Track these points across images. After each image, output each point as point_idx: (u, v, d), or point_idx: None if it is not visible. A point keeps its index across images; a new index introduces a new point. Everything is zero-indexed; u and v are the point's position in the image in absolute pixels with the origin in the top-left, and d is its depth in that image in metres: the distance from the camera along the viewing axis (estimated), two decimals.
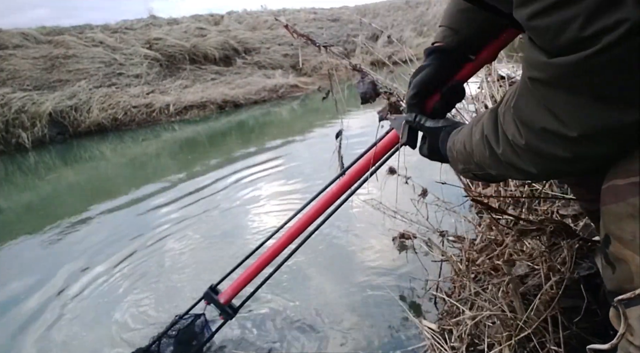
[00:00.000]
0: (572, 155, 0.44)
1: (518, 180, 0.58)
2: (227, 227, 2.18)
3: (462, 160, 0.66)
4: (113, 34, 8.19)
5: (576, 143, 0.43)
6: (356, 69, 1.45)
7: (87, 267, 1.96)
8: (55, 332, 1.50)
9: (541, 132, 0.45)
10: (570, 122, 0.42)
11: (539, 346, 0.87)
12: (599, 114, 0.40)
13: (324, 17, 11.10)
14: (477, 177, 0.67)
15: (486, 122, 0.56)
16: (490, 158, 0.56)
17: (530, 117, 0.46)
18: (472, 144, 0.61)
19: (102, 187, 3.53)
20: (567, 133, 0.42)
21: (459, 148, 0.66)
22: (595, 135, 0.41)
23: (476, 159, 0.61)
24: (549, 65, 0.40)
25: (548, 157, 0.47)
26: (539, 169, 0.50)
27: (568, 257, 0.91)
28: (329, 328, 1.30)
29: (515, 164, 0.52)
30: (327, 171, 1.99)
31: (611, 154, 0.44)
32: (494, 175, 0.61)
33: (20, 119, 5.62)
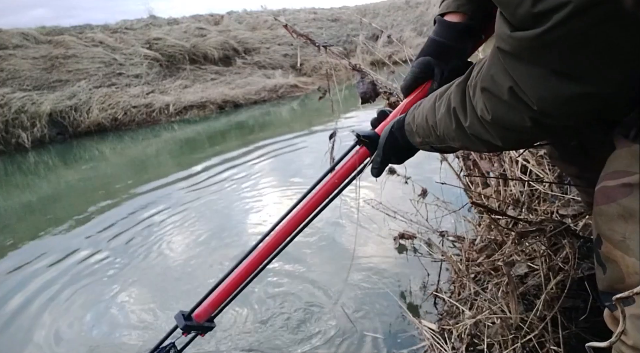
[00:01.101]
0: (534, 124, 0.46)
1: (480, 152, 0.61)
2: (227, 227, 2.18)
3: (422, 133, 0.67)
4: (113, 34, 8.18)
5: (536, 112, 0.45)
6: (356, 69, 1.45)
7: (88, 266, 1.96)
8: (51, 331, 1.50)
9: (507, 101, 0.46)
10: (530, 93, 0.44)
11: (538, 346, 0.87)
12: (553, 86, 0.42)
13: (324, 17, 11.09)
14: (434, 149, 0.69)
15: (453, 96, 0.57)
16: (457, 130, 0.57)
17: (498, 84, 0.47)
18: (435, 117, 0.62)
19: (102, 187, 3.53)
20: (528, 102, 0.44)
21: (419, 122, 0.67)
22: (552, 105, 0.43)
23: (439, 131, 0.62)
24: (511, 37, 0.42)
25: (513, 128, 0.49)
26: (504, 141, 0.52)
27: (571, 256, 0.91)
28: (328, 328, 1.29)
29: (481, 136, 0.54)
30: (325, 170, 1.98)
31: (571, 125, 0.47)
32: (454, 147, 0.63)
33: (20, 119, 5.62)
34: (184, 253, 1.95)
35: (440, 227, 1.53)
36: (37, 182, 4.11)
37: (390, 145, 0.76)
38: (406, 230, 1.69)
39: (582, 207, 1.18)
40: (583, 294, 0.93)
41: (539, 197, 1.36)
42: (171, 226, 2.29)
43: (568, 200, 1.25)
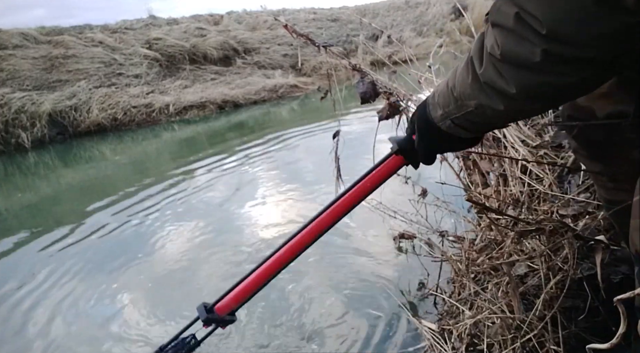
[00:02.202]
0: (545, 57, 0.41)
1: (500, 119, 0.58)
2: (227, 226, 2.18)
3: (442, 102, 0.63)
4: (113, 34, 8.18)
5: (546, 39, 0.40)
6: (356, 69, 1.45)
7: (87, 267, 1.96)
8: (51, 331, 1.50)
9: (515, 29, 0.43)
10: (538, 13, 0.40)
11: (538, 345, 0.87)
12: (559, 2, 0.38)
13: (324, 17, 11.09)
14: (454, 124, 0.63)
15: (473, 46, 0.54)
16: (472, 83, 0.54)
17: (505, 13, 0.44)
18: (455, 77, 0.59)
19: (102, 187, 3.53)
20: (536, 26, 0.40)
21: (441, 89, 0.63)
22: (562, 25, 0.39)
23: (457, 91, 0.58)
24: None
25: (524, 64, 0.44)
26: (517, 86, 0.47)
27: (570, 256, 0.91)
28: (328, 328, 1.30)
29: (494, 83, 0.50)
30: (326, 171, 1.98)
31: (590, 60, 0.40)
32: (473, 113, 0.57)
33: (19, 119, 5.62)
34: (184, 253, 1.95)
35: (440, 227, 1.54)
36: (37, 182, 4.11)
37: (421, 120, 0.70)
38: (406, 230, 1.69)
39: (582, 207, 1.18)
40: (583, 294, 0.93)
41: (539, 197, 1.36)
42: (171, 226, 2.29)
43: (568, 200, 1.25)
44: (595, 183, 0.83)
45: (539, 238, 1.02)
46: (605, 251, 0.89)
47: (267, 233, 2.02)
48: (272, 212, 2.28)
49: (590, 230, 1.04)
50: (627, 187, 0.66)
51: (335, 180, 1.58)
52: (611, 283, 0.91)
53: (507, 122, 0.61)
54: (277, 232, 2.00)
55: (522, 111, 0.53)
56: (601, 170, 0.77)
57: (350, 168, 1.51)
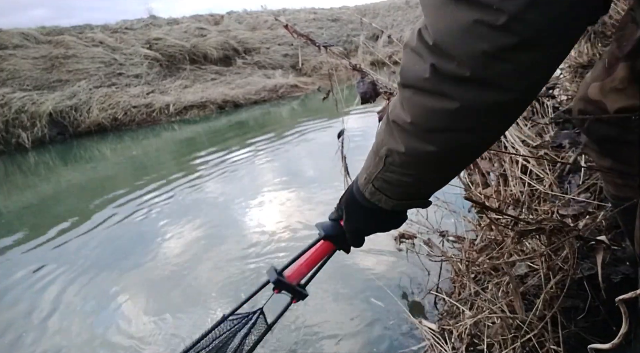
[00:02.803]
0: (433, 73, 0.40)
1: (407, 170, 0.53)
2: (227, 226, 2.18)
3: (366, 164, 0.59)
4: (113, 34, 8.19)
5: (432, 50, 0.40)
6: (356, 68, 1.45)
7: (86, 267, 1.96)
8: (48, 330, 1.50)
9: (415, 46, 0.42)
10: (431, 27, 0.40)
11: (538, 345, 0.87)
12: (449, 13, 0.38)
13: (324, 17, 11.10)
14: (374, 187, 0.59)
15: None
16: (385, 127, 0.52)
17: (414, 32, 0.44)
18: (377, 140, 0.56)
19: (102, 187, 3.53)
20: (427, 38, 0.40)
21: (367, 155, 0.60)
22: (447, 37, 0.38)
23: (375, 145, 0.55)
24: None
25: (415, 84, 0.43)
26: (411, 112, 0.45)
27: (570, 256, 0.91)
28: (327, 328, 1.29)
29: (398, 117, 0.48)
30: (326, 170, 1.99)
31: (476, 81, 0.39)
32: (386, 167, 0.54)
33: (20, 119, 5.62)
34: (184, 253, 1.95)
35: (440, 227, 1.53)
36: (37, 182, 4.11)
37: (347, 197, 0.67)
38: (406, 230, 1.69)
39: (583, 207, 1.18)
40: (583, 294, 0.93)
41: (539, 197, 1.36)
42: (171, 225, 2.29)
43: (568, 200, 1.25)
44: (603, 179, 0.83)
45: (539, 238, 1.02)
46: (605, 251, 0.89)
47: (267, 232, 2.02)
48: (273, 211, 2.28)
49: (590, 230, 1.04)
50: (636, 184, 0.66)
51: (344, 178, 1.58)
52: (611, 283, 0.91)
53: (418, 183, 0.55)
54: (278, 231, 2.00)
55: (423, 155, 0.48)
56: (611, 166, 0.76)
57: (350, 168, 1.51)
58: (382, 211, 0.62)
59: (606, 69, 0.66)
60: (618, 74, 0.65)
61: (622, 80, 0.65)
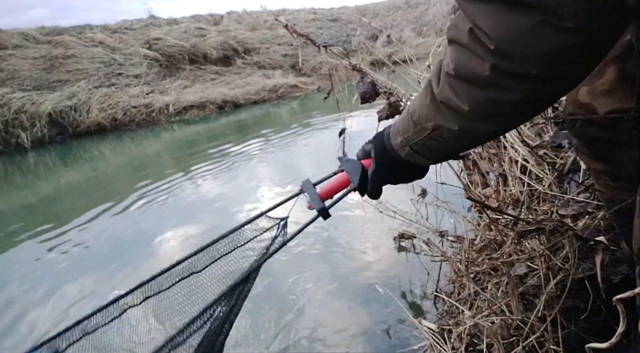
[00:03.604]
0: (493, 72, 0.43)
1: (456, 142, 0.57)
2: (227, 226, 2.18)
3: (402, 128, 0.63)
4: (112, 34, 8.19)
5: (494, 54, 0.42)
6: (356, 69, 1.45)
7: (87, 267, 1.96)
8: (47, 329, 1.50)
9: (468, 44, 0.44)
10: (488, 29, 0.41)
11: (538, 345, 0.87)
12: (507, 19, 0.40)
13: (324, 17, 11.10)
14: (412, 150, 0.63)
15: (432, 69, 0.56)
16: (430, 104, 0.55)
17: (460, 29, 0.46)
18: (414, 102, 0.60)
19: (102, 186, 3.53)
20: (486, 41, 0.42)
21: (403, 115, 0.64)
22: (509, 41, 0.40)
23: (416, 115, 0.58)
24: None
25: (475, 80, 0.45)
26: (470, 103, 0.48)
27: (570, 256, 0.91)
28: (327, 328, 1.29)
29: (449, 101, 0.51)
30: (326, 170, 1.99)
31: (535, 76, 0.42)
32: (430, 136, 0.57)
33: (19, 119, 5.62)
34: (183, 253, 1.95)
35: (440, 227, 1.53)
36: (36, 182, 4.11)
37: (379, 149, 0.70)
38: (406, 230, 1.69)
39: (582, 208, 1.18)
40: (583, 294, 0.93)
41: (539, 197, 1.36)
42: (170, 225, 2.29)
43: (568, 200, 1.25)
44: (596, 182, 0.83)
45: (539, 238, 1.02)
46: (605, 252, 0.89)
47: None
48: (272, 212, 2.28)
49: (590, 231, 1.04)
50: (628, 186, 0.66)
51: None
52: (611, 283, 0.91)
53: (463, 149, 0.62)
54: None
55: (476, 133, 0.53)
56: (603, 169, 0.76)
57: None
58: (415, 166, 0.68)
59: (596, 71, 0.67)
60: (607, 77, 0.66)
61: (611, 83, 0.65)
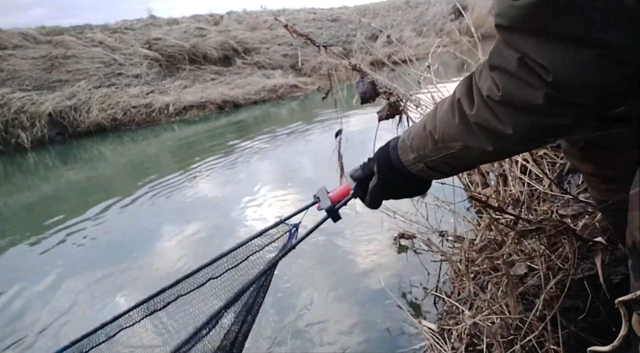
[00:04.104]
0: (546, 100, 0.43)
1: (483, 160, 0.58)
2: (226, 226, 2.18)
3: (417, 145, 0.62)
4: (112, 34, 8.19)
5: (550, 85, 0.42)
6: (356, 69, 1.45)
7: (87, 267, 1.96)
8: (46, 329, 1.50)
9: (517, 73, 0.44)
10: (543, 61, 0.42)
11: (537, 345, 0.87)
12: (565, 53, 0.40)
13: (324, 17, 11.10)
14: (427, 167, 0.62)
15: (459, 88, 0.55)
16: (460, 124, 0.54)
17: (506, 57, 0.46)
18: (435, 118, 0.59)
19: (102, 187, 3.53)
20: (541, 72, 0.42)
21: (416, 132, 0.63)
22: (567, 74, 0.41)
23: (438, 134, 0.57)
24: (511, 7, 0.41)
25: (524, 107, 0.46)
26: (515, 126, 0.48)
27: (570, 256, 0.91)
28: (327, 328, 1.29)
29: (488, 123, 0.50)
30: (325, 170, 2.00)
31: (589, 105, 0.43)
32: (453, 155, 0.57)
33: (19, 119, 5.62)
34: (183, 253, 1.95)
35: (440, 227, 1.53)
36: (36, 182, 4.11)
37: (384, 164, 0.69)
38: (406, 230, 1.69)
39: (582, 207, 1.18)
40: (582, 294, 0.93)
41: (539, 197, 1.36)
42: (170, 225, 2.28)
43: (568, 200, 1.25)
44: (588, 185, 0.83)
45: (539, 238, 1.02)
46: (604, 252, 0.89)
47: None
48: (271, 211, 2.28)
49: (589, 231, 1.04)
50: (620, 188, 0.65)
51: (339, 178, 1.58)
52: (611, 283, 0.91)
53: (484, 163, 0.63)
54: None
55: (510, 152, 0.55)
56: (593, 171, 0.77)
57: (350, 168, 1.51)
58: (420, 182, 0.69)
59: None
60: None
61: None
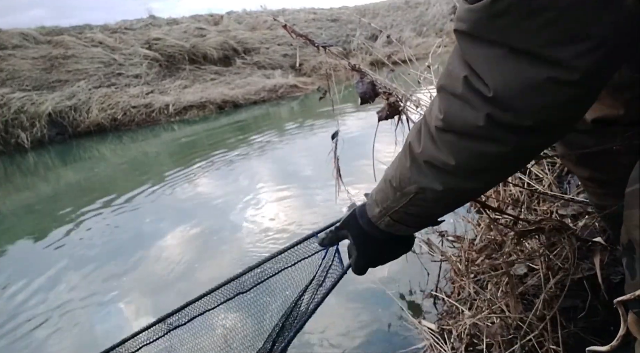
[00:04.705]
0: (488, 122, 0.41)
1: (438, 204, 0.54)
2: (226, 226, 2.18)
3: (380, 198, 0.60)
4: (112, 34, 8.19)
5: (491, 102, 0.39)
6: (355, 69, 1.45)
7: (87, 267, 1.96)
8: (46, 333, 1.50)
9: (461, 93, 0.42)
10: (486, 76, 0.39)
11: (537, 345, 0.87)
12: (511, 68, 0.37)
13: (324, 17, 11.10)
14: (392, 220, 0.59)
15: (411, 132, 0.54)
16: (411, 166, 0.52)
17: (454, 76, 0.43)
18: (392, 167, 0.57)
19: (102, 187, 3.53)
20: (482, 89, 0.40)
21: (379, 185, 0.61)
22: (509, 92, 0.38)
23: (396, 181, 0.55)
24: (469, 11, 0.39)
25: (466, 131, 0.43)
26: (457, 157, 0.46)
27: (570, 255, 0.91)
28: (327, 328, 1.29)
29: (434, 159, 0.48)
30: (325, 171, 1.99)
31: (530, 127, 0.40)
32: (412, 202, 0.54)
33: (19, 119, 5.62)
34: (182, 254, 1.95)
35: (440, 227, 1.53)
36: (36, 182, 4.10)
37: (357, 230, 0.66)
38: None
39: (582, 207, 1.18)
40: (582, 294, 0.93)
41: (539, 197, 1.36)
42: (170, 226, 2.28)
43: (567, 200, 1.25)
44: (585, 189, 0.83)
45: (539, 238, 1.02)
46: (603, 252, 0.89)
47: (265, 232, 2.02)
48: (271, 211, 2.28)
49: (589, 231, 1.04)
50: (616, 192, 0.66)
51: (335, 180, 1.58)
52: (610, 283, 0.91)
53: (444, 211, 0.58)
54: (275, 231, 2.00)
55: (460, 191, 0.51)
56: (589, 175, 0.76)
57: (350, 168, 1.51)
58: (396, 238, 0.65)
59: None
60: None
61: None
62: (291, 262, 0.80)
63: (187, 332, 0.77)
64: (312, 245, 0.80)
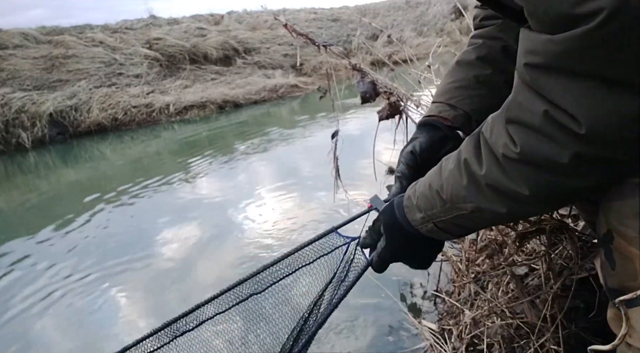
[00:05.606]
0: (572, 159, 0.38)
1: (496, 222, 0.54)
2: (225, 226, 2.18)
3: (424, 205, 0.57)
4: (113, 34, 8.19)
5: (583, 138, 0.37)
6: (356, 68, 1.45)
7: (87, 267, 1.96)
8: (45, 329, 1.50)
9: (541, 128, 0.39)
10: (576, 111, 0.36)
11: (538, 346, 0.87)
12: (606, 99, 0.35)
13: (324, 17, 11.09)
14: (437, 228, 0.57)
15: (464, 147, 0.51)
16: (468, 185, 0.49)
17: (529, 110, 0.40)
18: (441, 179, 0.54)
19: (102, 186, 3.53)
20: (571, 125, 0.37)
21: (421, 191, 0.58)
22: (606, 125, 0.36)
23: (446, 194, 0.53)
24: (550, 42, 0.36)
25: (546, 165, 0.41)
26: (532, 187, 0.43)
27: (574, 254, 0.91)
28: (327, 328, 1.29)
29: (501, 185, 0.45)
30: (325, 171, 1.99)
31: (621, 161, 0.38)
32: (464, 216, 0.52)
33: (20, 119, 5.62)
34: (182, 253, 1.95)
35: None
36: (37, 182, 4.11)
37: (390, 224, 0.64)
38: None
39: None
40: (583, 294, 0.93)
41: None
42: (170, 226, 2.28)
43: None
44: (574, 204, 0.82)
45: (539, 239, 1.02)
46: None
47: (265, 231, 2.02)
48: (270, 211, 2.28)
49: (590, 231, 1.04)
50: None
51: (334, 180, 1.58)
52: None
53: (499, 224, 0.57)
54: (275, 231, 2.00)
55: (525, 213, 0.51)
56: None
57: (349, 168, 1.51)
58: (432, 242, 0.64)
59: None
60: None
61: None
62: (310, 259, 0.78)
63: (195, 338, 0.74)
64: (332, 240, 0.77)
